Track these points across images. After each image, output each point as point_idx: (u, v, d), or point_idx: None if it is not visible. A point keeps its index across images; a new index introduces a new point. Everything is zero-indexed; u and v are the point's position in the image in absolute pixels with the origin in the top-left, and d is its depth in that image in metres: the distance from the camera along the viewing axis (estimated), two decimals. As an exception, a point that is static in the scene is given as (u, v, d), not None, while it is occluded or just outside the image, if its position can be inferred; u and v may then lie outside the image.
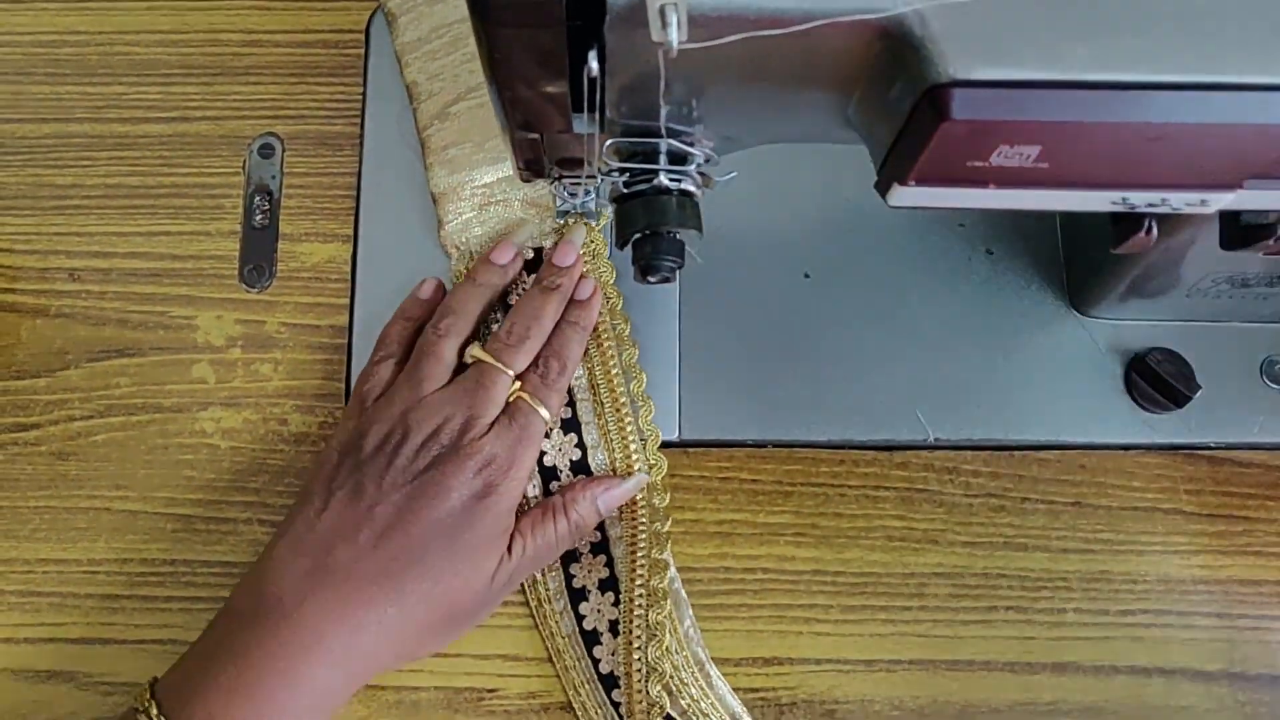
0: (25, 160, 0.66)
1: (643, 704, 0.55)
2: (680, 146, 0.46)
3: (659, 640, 0.55)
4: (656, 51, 0.36)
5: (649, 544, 0.57)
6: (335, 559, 0.50)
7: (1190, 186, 0.40)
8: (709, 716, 0.55)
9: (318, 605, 0.49)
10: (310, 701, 0.49)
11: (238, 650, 0.49)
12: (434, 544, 0.51)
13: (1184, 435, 0.61)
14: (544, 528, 0.55)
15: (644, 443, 0.59)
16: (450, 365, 0.56)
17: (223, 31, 0.69)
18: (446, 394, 0.55)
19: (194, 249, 0.65)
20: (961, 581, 0.59)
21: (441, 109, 0.63)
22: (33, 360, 0.63)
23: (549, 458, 0.59)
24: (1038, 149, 0.38)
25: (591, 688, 0.56)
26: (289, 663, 0.48)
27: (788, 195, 0.64)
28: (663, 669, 0.55)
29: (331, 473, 0.54)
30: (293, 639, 0.49)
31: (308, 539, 0.51)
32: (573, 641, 0.57)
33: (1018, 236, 0.64)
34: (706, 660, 0.57)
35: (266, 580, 0.51)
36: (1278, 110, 0.36)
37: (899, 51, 0.37)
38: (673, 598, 0.57)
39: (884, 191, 0.42)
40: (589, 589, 0.58)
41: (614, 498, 0.57)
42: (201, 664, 0.49)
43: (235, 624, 0.50)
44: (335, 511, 0.52)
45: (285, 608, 0.49)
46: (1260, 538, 0.59)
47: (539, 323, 0.57)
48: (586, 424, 0.59)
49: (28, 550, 0.60)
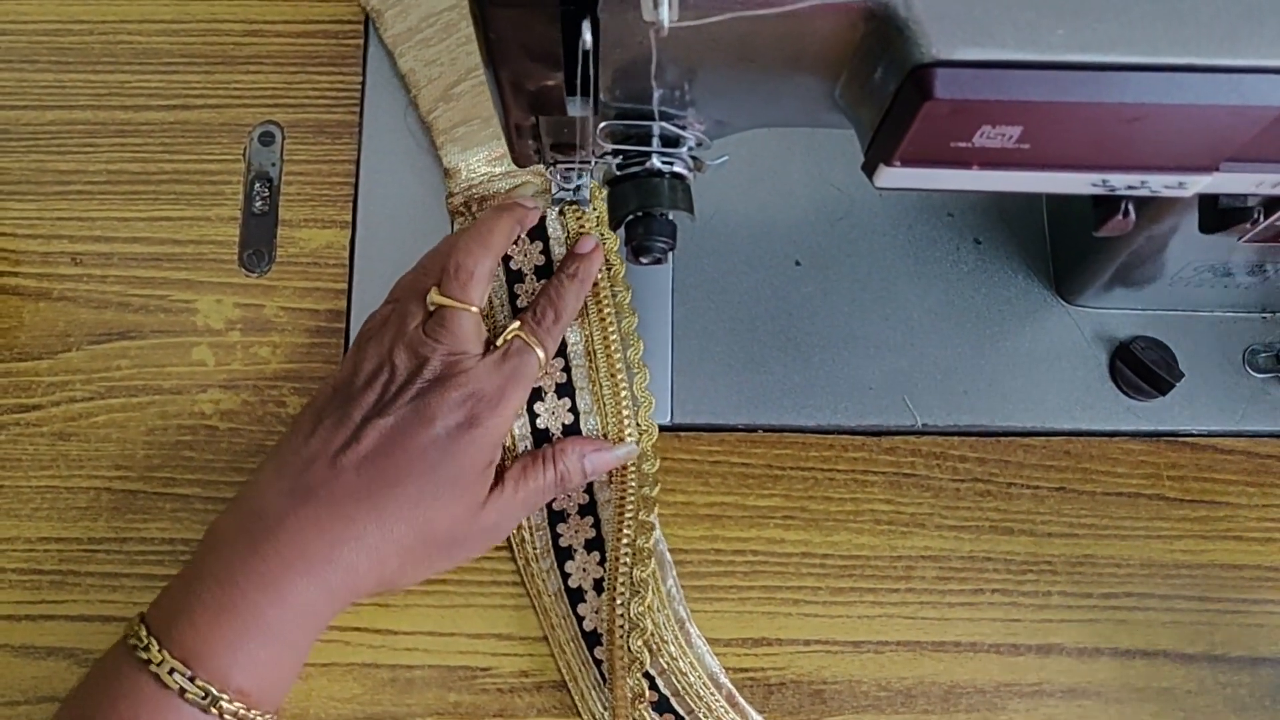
0: (29, 146, 0.67)
1: (624, 659, 0.55)
2: (672, 129, 0.47)
3: (642, 596, 0.56)
4: (648, 32, 0.37)
5: (636, 506, 0.58)
6: (316, 478, 0.52)
7: (1168, 169, 0.41)
8: (687, 675, 0.56)
9: (298, 521, 0.50)
10: (295, 617, 0.50)
11: (221, 570, 0.50)
12: (415, 468, 0.52)
13: (1167, 422, 0.62)
14: (531, 473, 0.57)
15: (636, 409, 0.60)
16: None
17: (224, 21, 0.70)
18: (428, 332, 0.56)
19: (194, 234, 0.66)
20: (948, 564, 0.60)
21: (444, 91, 0.64)
22: (35, 342, 0.64)
23: (542, 420, 0.60)
24: (1019, 129, 0.39)
25: (576, 646, 0.57)
26: (272, 577, 0.49)
27: (779, 184, 0.65)
28: (644, 625, 0.56)
29: (322, 404, 0.55)
30: (274, 554, 0.50)
31: (292, 462, 0.53)
32: (558, 599, 0.58)
33: (1005, 226, 0.65)
34: (687, 619, 0.58)
35: (250, 502, 0.52)
36: (1250, 92, 0.37)
37: (884, 33, 0.38)
38: (656, 558, 0.58)
39: (870, 173, 0.43)
40: (575, 548, 0.59)
41: (601, 460, 0.58)
42: (187, 586, 0.50)
43: (219, 546, 0.51)
44: (321, 437, 0.53)
45: (267, 524, 0.51)
46: (1241, 523, 0.60)
47: (485, 246, 0.57)
48: (581, 389, 0.60)
49: (29, 529, 0.61)
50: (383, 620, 0.59)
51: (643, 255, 0.50)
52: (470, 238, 0.58)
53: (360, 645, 0.58)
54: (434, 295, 0.56)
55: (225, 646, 0.49)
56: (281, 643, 0.50)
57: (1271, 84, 0.37)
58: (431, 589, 0.59)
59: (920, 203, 0.65)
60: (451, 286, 0.56)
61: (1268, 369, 0.62)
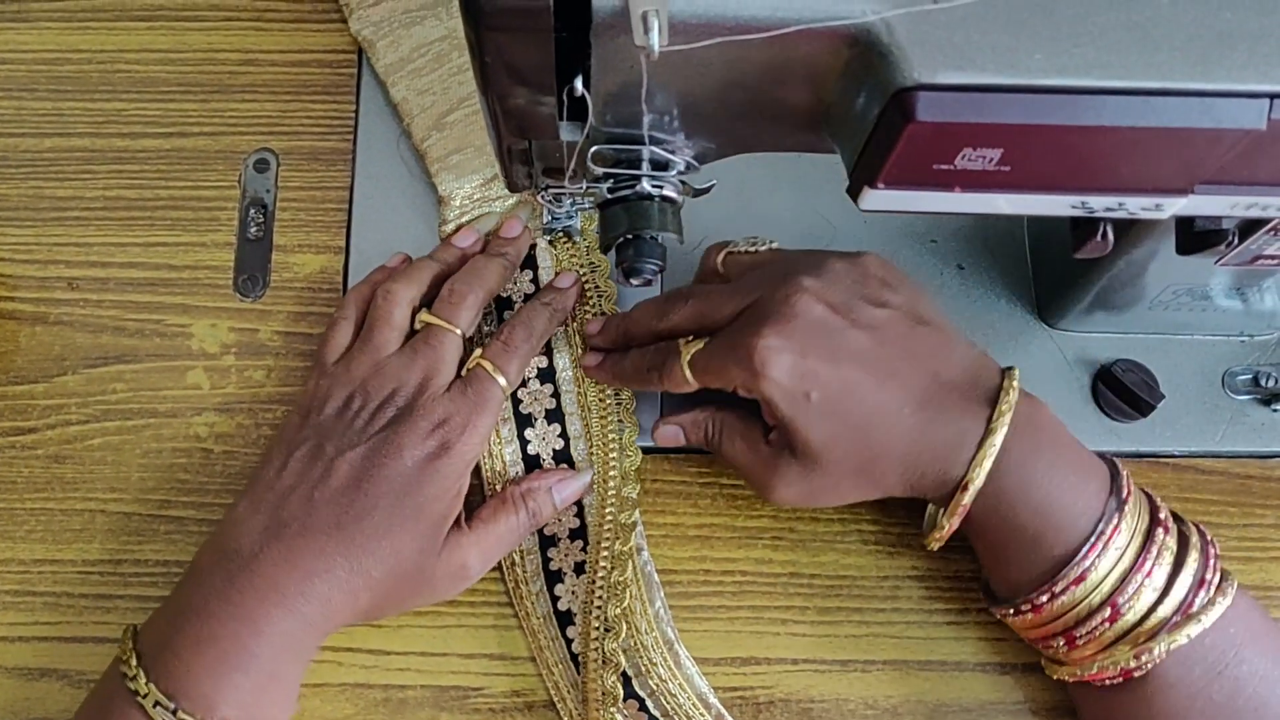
0: (27, 173, 0.68)
1: (596, 656, 0.56)
2: (662, 154, 0.48)
3: (619, 599, 0.57)
4: (639, 57, 0.38)
5: (613, 535, 0.59)
6: (290, 513, 0.52)
7: (1144, 191, 0.42)
8: (676, 696, 0.57)
9: (271, 555, 0.51)
10: (275, 647, 0.51)
11: (200, 603, 0.51)
12: (384, 500, 0.53)
13: (1149, 443, 0.63)
14: (502, 515, 0.57)
15: (622, 434, 0.61)
16: (403, 330, 0.59)
17: (220, 50, 0.71)
18: (401, 358, 0.57)
19: (190, 259, 0.66)
20: (934, 584, 0.60)
21: (436, 120, 0.65)
22: (31, 366, 0.64)
23: (533, 446, 0.61)
24: (999, 152, 0.40)
25: (564, 668, 0.58)
26: (248, 609, 0.50)
27: (766, 210, 0.67)
28: (618, 628, 0.56)
29: (293, 435, 0.56)
30: (249, 587, 0.51)
31: (266, 497, 0.53)
32: (547, 622, 0.59)
33: (987, 252, 0.66)
34: (675, 640, 0.58)
35: (227, 537, 0.53)
36: (1223, 115, 0.38)
37: (867, 58, 0.39)
38: (645, 579, 0.59)
39: (855, 195, 0.44)
40: (565, 571, 0.59)
41: (569, 489, 0.59)
42: (170, 618, 0.51)
43: (199, 580, 0.52)
44: (294, 471, 0.54)
45: (243, 559, 0.52)
46: (1223, 542, 0.60)
47: (480, 280, 0.59)
48: (570, 415, 0.61)
49: (23, 550, 0.61)
50: (375, 640, 0.59)
51: (633, 276, 0.51)
52: (470, 270, 0.60)
53: (353, 665, 0.59)
54: (424, 315, 0.58)
55: (208, 676, 0.49)
56: (264, 673, 0.51)
57: (1242, 107, 0.38)
58: (424, 610, 0.59)
59: (904, 229, 0.66)
60: (443, 307, 0.58)
61: (1246, 391, 0.63)
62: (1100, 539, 0.50)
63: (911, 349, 0.52)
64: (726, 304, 0.55)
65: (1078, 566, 0.50)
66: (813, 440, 0.52)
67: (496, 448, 0.61)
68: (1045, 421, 0.52)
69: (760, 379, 0.51)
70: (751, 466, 0.56)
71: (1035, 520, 0.51)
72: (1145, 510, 0.52)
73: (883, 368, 0.52)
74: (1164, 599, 0.49)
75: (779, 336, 0.51)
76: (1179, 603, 0.49)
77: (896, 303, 0.54)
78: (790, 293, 0.52)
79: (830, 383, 0.51)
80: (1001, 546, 0.53)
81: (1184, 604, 0.49)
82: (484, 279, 0.60)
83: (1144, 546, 0.50)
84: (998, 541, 0.53)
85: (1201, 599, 0.49)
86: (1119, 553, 0.50)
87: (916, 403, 0.52)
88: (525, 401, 0.62)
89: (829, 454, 0.52)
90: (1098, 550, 0.50)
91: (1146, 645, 0.49)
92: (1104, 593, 0.50)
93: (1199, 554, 0.51)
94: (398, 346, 0.58)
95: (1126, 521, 0.50)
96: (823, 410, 0.51)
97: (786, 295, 0.52)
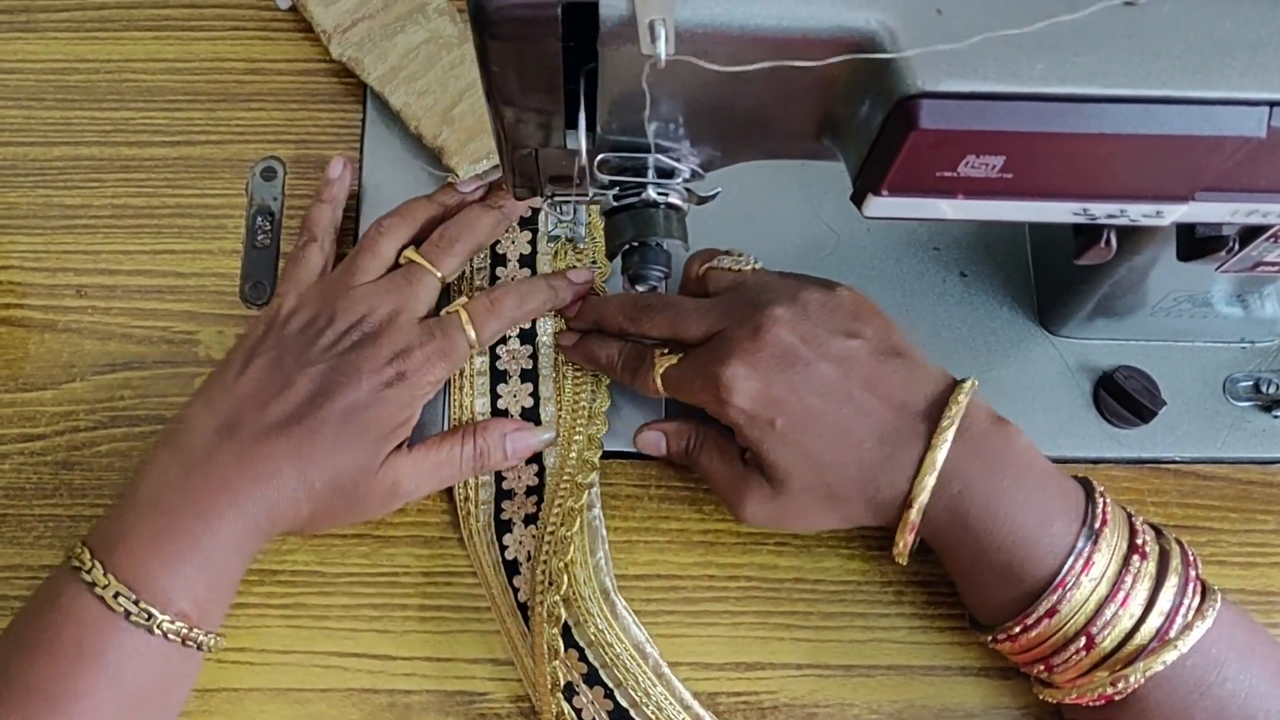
0: (36, 181, 0.69)
1: (541, 614, 0.57)
2: (667, 162, 0.48)
3: (562, 552, 0.57)
4: (645, 65, 0.39)
5: (568, 493, 0.60)
6: (244, 419, 0.54)
7: (1145, 198, 0.43)
8: (613, 646, 0.57)
9: (224, 455, 0.53)
10: (225, 543, 0.52)
11: (154, 498, 0.52)
12: (334, 417, 0.54)
13: (1150, 449, 0.63)
14: (448, 442, 0.59)
15: (593, 403, 0.62)
16: (386, 263, 0.60)
17: (227, 60, 0.72)
18: (376, 286, 0.58)
19: (197, 267, 0.67)
20: (937, 589, 0.61)
21: (444, 114, 0.65)
22: (40, 373, 0.65)
23: (503, 401, 0.62)
24: (1002, 159, 0.40)
25: (514, 619, 0.59)
26: (203, 505, 0.52)
27: (770, 218, 0.67)
28: (560, 580, 0.57)
29: (255, 343, 0.57)
30: (204, 483, 0.52)
31: (222, 400, 0.55)
32: (497, 572, 0.59)
33: (990, 260, 0.66)
34: (613, 590, 0.58)
35: (181, 436, 0.54)
36: (1223, 123, 0.39)
37: (871, 66, 0.39)
38: (589, 530, 0.59)
39: (859, 202, 0.44)
40: (514, 522, 0.60)
41: (522, 440, 0.60)
42: (122, 515, 0.52)
43: (152, 476, 0.53)
44: (251, 378, 0.55)
45: (195, 457, 0.53)
46: (1224, 548, 0.61)
47: (471, 231, 0.61)
48: (545, 377, 0.63)
49: (31, 556, 0.61)
50: (380, 646, 0.59)
51: (638, 283, 0.52)
52: (464, 219, 0.62)
53: (358, 670, 0.59)
54: (410, 253, 0.60)
55: (164, 569, 0.51)
56: (215, 567, 0.52)
57: (1242, 115, 0.39)
58: (428, 615, 0.60)
59: (906, 237, 0.67)
60: (431, 250, 0.60)
61: (1247, 397, 0.63)
62: (1071, 573, 0.50)
63: (879, 381, 0.53)
64: (699, 323, 0.56)
65: (1047, 600, 0.50)
66: (779, 465, 0.53)
67: (468, 399, 0.62)
68: (1012, 444, 0.53)
69: (726, 406, 0.53)
70: (724, 482, 0.57)
71: (1004, 551, 0.51)
72: (1124, 535, 0.51)
73: (848, 400, 0.53)
74: (1140, 626, 0.49)
75: (745, 366, 0.53)
76: (1155, 630, 0.49)
77: (867, 334, 0.55)
78: (761, 322, 0.53)
79: (795, 411, 0.52)
80: (975, 576, 0.53)
81: (1161, 630, 0.49)
82: (475, 231, 0.61)
83: (1119, 575, 0.50)
84: (971, 572, 0.53)
85: (1179, 624, 0.49)
86: (1094, 584, 0.50)
87: (879, 436, 0.52)
88: (503, 359, 0.63)
89: (794, 480, 0.54)
90: (1068, 584, 0.50)
91: (1123, 673, 0.49)
92: (1078, 624, 0.50)
93: (1178, 577, 0.50)
94: (376, 277, 0.59)
95: (1101, 553, 0.50)
96: (787, 438, 0.53)
97: (757, 325, 0.53)
